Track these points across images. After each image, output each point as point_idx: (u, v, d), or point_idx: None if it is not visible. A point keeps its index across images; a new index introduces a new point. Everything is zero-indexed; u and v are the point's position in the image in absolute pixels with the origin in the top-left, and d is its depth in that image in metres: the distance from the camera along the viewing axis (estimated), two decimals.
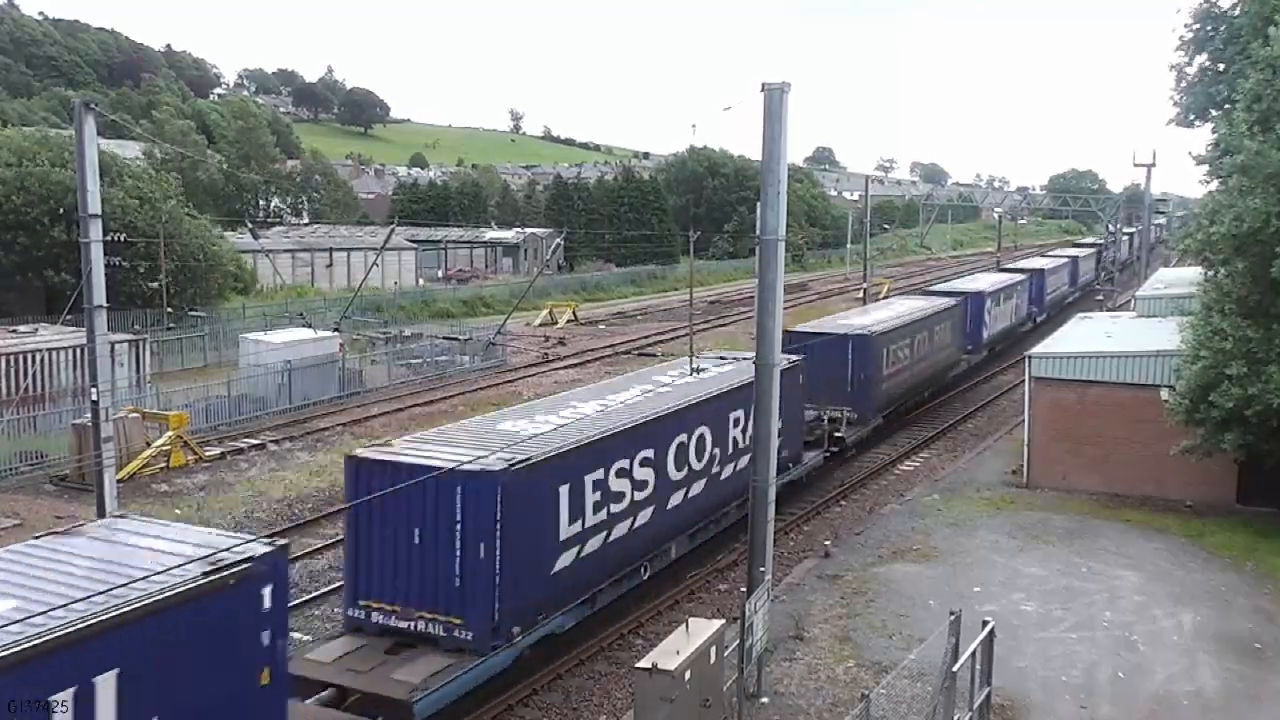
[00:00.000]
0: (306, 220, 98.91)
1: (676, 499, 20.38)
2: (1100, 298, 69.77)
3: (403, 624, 15.53)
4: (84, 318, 21.42)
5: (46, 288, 45.21)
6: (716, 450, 21.69)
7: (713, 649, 14.00)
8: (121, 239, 42.28)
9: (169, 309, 46.54)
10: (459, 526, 15.18)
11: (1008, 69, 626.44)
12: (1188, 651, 17.27)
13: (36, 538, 12.17)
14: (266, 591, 11.48)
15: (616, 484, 18.23)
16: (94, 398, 21.05)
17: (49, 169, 46.47)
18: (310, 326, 43.75)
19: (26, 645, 9.19)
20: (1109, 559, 21.55)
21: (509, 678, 16.19)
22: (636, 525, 18.99)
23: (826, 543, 23.02)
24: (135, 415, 29.56)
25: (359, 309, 53.93)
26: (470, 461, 15.14)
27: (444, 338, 49.48)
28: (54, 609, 9.72)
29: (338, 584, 19.45)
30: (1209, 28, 30.31)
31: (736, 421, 22.33)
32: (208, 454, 30.57)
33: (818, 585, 20.24)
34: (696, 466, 20.96)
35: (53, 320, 34.70)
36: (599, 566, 17.95)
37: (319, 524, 24.88)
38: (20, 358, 31.80)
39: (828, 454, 28.91)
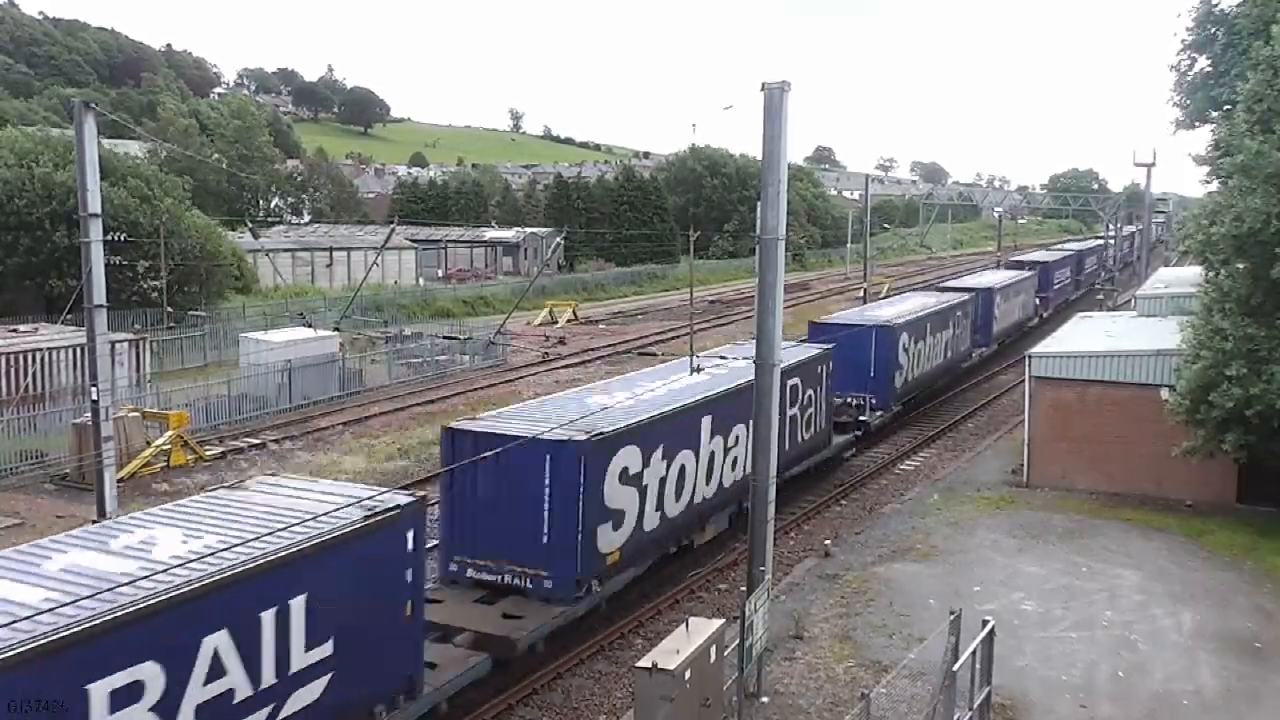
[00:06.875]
0: (307, 219, 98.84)
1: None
2: (1100, 297, 69.76)
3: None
4: (84, 317, 21.45)
5: (47, 294, 45.19)
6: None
7: (713, 648, 14.01)
8: (122, 238, 42.31)
9: (169, 308, 46.54)
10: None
11: (1008, 69, 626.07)
12: (1187, 650, 17.27)
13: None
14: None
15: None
16: (94, 397, 21.08)
17: (52, 170, 46.43)
18: (310, 326, 43.75)
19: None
20: (1109, 558, 21.55)
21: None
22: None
23: (826, 542, 23.01)
24: (135, 414, 29.56)
25: (359, 308, 53.92)
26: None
27: (444, 337, 49.49)
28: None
29: None
30: (1209, 30, 30.35)
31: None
32: (208, 453, 30.58)
33: (818, 585, 20.24)
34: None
35: (53, 320, 34.71)
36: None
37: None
38: (20, 357, 31.82)
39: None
